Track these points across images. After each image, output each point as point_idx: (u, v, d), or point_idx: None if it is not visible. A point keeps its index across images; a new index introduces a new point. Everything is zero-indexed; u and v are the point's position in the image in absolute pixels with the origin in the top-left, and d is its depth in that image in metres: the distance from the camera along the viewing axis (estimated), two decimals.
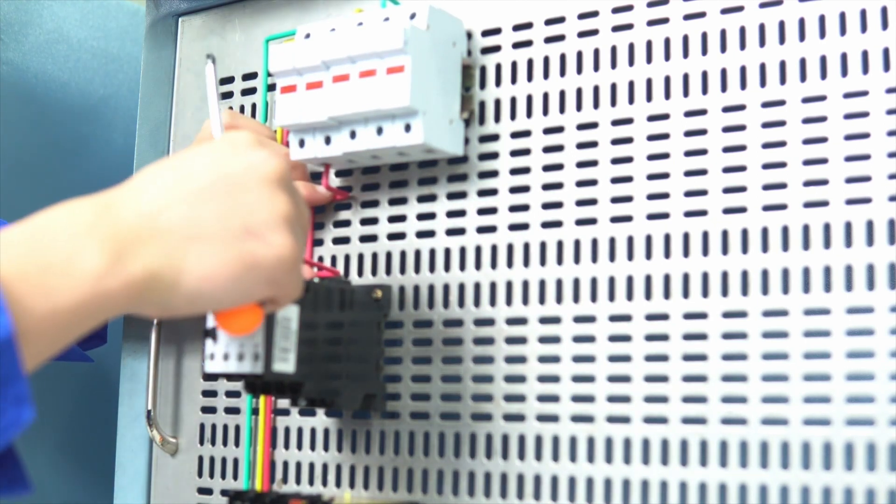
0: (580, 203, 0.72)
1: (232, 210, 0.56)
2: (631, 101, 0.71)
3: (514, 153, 0.74)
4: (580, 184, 0.72)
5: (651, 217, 0.69)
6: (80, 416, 1.11)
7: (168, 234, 0.54)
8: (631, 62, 0.71)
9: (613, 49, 0.72)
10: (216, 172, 0.57)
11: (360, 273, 0.80)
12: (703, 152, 0.68)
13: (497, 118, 0.75)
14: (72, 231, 0.52)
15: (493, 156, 0.75)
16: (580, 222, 0.71)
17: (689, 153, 0.68)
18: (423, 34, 0.72)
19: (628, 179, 0.70)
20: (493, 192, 0.75)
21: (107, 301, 0.52)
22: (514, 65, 0.75)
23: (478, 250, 0.75)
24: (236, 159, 0.58)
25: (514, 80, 0.75)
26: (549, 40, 0.74)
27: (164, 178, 0.56)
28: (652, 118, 0.70)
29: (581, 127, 0.72)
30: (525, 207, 0.74)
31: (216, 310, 0.59)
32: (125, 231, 0.53)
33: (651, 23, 0.71)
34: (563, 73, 0.73)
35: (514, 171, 0.74)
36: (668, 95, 0.69)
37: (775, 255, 0.65)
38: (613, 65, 0.72)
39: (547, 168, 0.73)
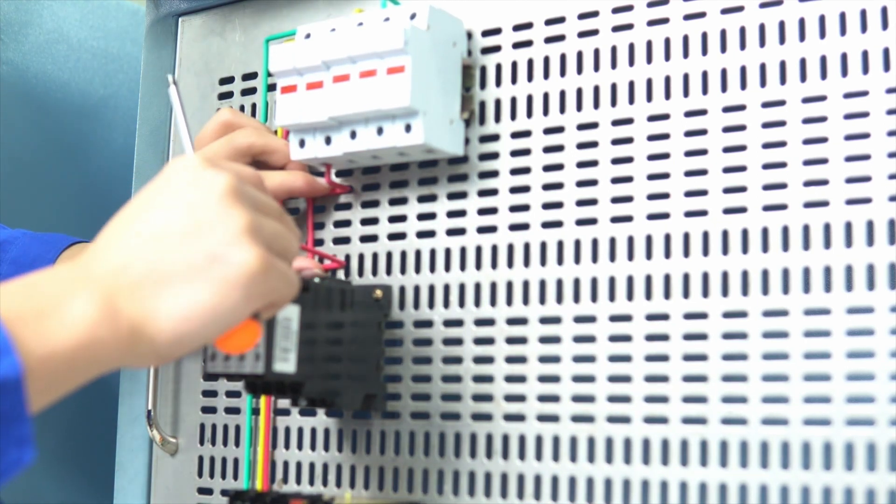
0: (580, 203, 0.72)
1: (192, 243, 0.56)
2: (631, 101, 0.71)
3: (515, 153, 0.74)
4: (580, 184, 0.72)
5: (651, 217, 0.69)
6: (80, 416, 1.11)
7: (138, 287, 0.55)
8: (631, 62, 0.71)
9: (613, 49, 0.72)
10: (170, 211, 0.57)
11: (361, 273, 0.80)
12: (703, 152, 0.68)
13: (497, 118, 0.75)
14: (58, 285, 0.54)
15: (494, 156, 0.75)
16: (580, 222, 0.71)
17: (689, 153, 0.68)
18: (423, 34, 0.72)
19: (628, 179, 0.70)
20: (493, 192, 0.75)
21: (100, 350, 0.53)
22: (514, 65, 0.75)
23: (478, 250, 0.75)
24: (185, 190, 0.58)
25: (514, 80, 0.75)
26: (549, 40, 0.74)
27: (124, 232, 0.57)
28: (652, 118, 0.70)
29: (581, 127, 0.72)
30: (525, 207, 0.74)
31: (210, 341, 0.58)
32: (102, 288, 0.54)
33: (651, 23, 0.71)
34: (563, 73, 0.73)
35: (515, 172, 0.74)
36: (668, 95, 0.69)
37: (775, 255, 0.65)
38: (613, 65, 0.72)
39: (547, 168, 0.73)
